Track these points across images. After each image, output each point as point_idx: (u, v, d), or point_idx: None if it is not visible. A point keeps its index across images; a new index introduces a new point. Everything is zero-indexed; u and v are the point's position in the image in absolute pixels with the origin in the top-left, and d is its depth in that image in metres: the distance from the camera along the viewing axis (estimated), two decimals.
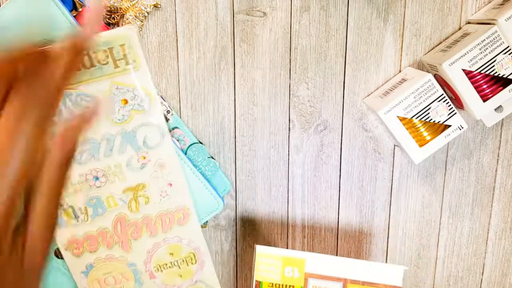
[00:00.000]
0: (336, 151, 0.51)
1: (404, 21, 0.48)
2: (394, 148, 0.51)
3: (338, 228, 0.53)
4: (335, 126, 0.50)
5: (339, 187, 0.52)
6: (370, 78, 0.49)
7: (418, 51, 0.49)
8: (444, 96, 0.44)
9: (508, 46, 0.42)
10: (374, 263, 0.42)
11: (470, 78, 0.43)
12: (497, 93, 0.43)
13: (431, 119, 0.45)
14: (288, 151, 0.51)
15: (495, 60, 0.43)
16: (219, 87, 0.49)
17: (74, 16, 0.42)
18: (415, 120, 0.44)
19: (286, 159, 0.51)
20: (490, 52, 0.42)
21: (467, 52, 0.42)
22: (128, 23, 0.47)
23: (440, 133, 0.45)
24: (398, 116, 0.44)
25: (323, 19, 0.48)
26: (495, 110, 0.47)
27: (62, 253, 0.42)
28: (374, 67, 0.49)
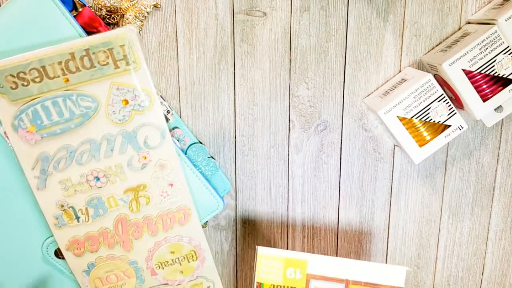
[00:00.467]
0: (336, 151, 0.51)
1: (404, 21, 0.48)
2: (394, 148, 0.51)
3: (338, 228, 0.53)
4: (335, 126, 0.50)
5: (339, 187, 0.52)
6: (370, 78, 0.49)
7: (418, 51, 0.49)
8: (444, 96, 0.44)
9: (508, 46, 0.42)
10: (376, 264, 0.42)
11: (470, 78, 0.43)
12: (497, 93, 0.43)
13: (431, 119, 0.45)
14: (288, 151, 0.51)
15: (495, 60, 0.43)
16: (219, 87, 0.49)
17: (74, 16, 0.42)
18: (415, 120, 0.44)
19: (286, 159, 0.51)
20: (490, 52, 0.42)
21: (467, 52, 0.42)
22: (128, 23, 0.47)
23: (440, 133, 0.45)
24: (398, 116, 0.44)
25: (323, 19, 0.48)
26: (495, 110, 0.47)
27: (63, 253, 0.42)
28: (374, 67, 0.49)
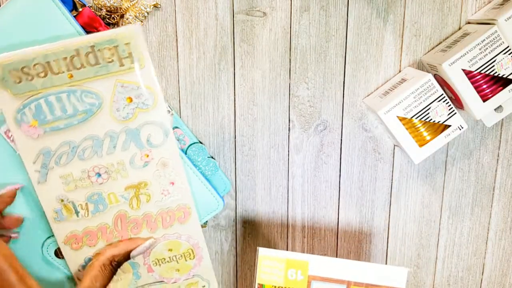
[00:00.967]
0: (336, 151, 0.51)
1: (404, 21, 0.48)
2: (394, 148, 0.51)
3: (338, 228, 0.53)
4: (335, 126, 0.50)
5: (339, 187, 0.52)
6: (370, 78, 0.49)
7: (418, 51, 0.49)
8: (444, 96, 0.44)
9: (508, 46, 0.42)
10: (377, 265, 0.42)
11: (470, 78, 0.43)
12: (497, 93, 0.43)
13: (431, 119, 0.45)
14: (288, 151, 0.51)
15: (495, 60, 0.43)
16: (219, 87, 0.49)
17: (74, 16, 0.42)
18: (415, 120, 0.44)
19: (286, 159, 0.51)
20: (490, 52, 0.42)
21: (467, 52, 0.42)
22: (128, 23, 0.47)
23: (440, 133, 0.45)
24: (398, 116, 0.44)
25: (323, 19, 0.48)
26: (495, 110, 0.47)
27: (60, 247, 0.41)
28: (374, 67, 0.49)
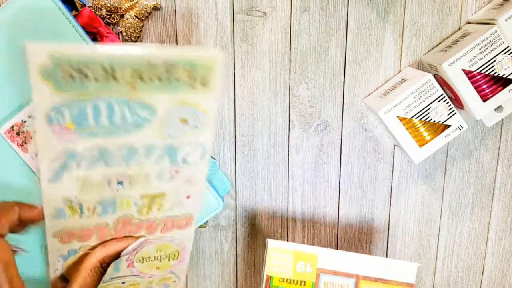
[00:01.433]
0: (336, 151, 0.51)
1: (404, 21, 0.48)
2: (394, 148, 0.51)
3: (338, 228, 0.53)
4: (335, 126, 0.50)
5: (339, 187, 0.52)
6: (370, 78, 0.49)
7: (418, 51, 0.49)
8: (444, 96, 0.44)
9: (508, 46, 0.42)
10: (387, 259, 0.42)
11: (470, 78, 0.43)
12: (497, 93, 0.43)
13: (431, 119, 0.45)
14: (288, 151, 0.51)
15: (495, 60, 0.43)
16: None
17: (74, 16, 0.42)
18: (415, 120, 0.44)
19: (286, 159, 0.51)
20: (490, 52, 0.42)
21: (467, 52, 0.42)
22: (128, 23, 0.47)
23: (440, 133, 0.45)
24: (398, 116, 0.44)
25: (323, 19, 0.48)
26: (495, 110, 0.47)
27: (47, 240, 0.38)
28: (374, 67, 0.49)
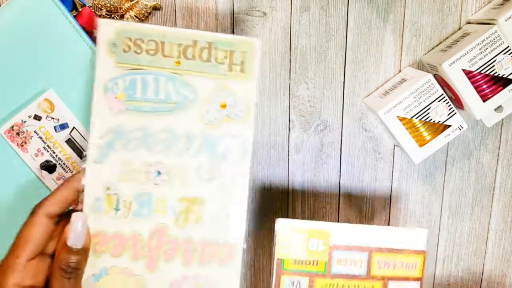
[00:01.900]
0: (336, 151, 0.51)
1: (404, 21, 0.48)
2: (394, 148, 0.51)
3: None
4: (335, 126, 0.50)
5: (339, 187, 0.52)
6: (370, 78, 0.49)
7: (418, 51, 0.49)
8: (444, 96, 0.44)
9: (508, 46, 0.42)
10: (396, 228, 0.42)
11: (470, 78, 0.43)
12: (497, 93, 0.43)
13: (431, 119, 0.45)
14: (288, 151, 0.51)
15: (495, 60, 0.43)
16: None
17: (74, 16, 0.42)
18: (415, 120, 0.44)
19: (286, 159, 0.51)
20: (490, 52, 0.42)
21: (467, 52, 0.42)
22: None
23: (440, 133, 0.45)
24: (398, 116, 0.44)
25: (323, 19, 0.48)
26: (495, 110, 0.47)
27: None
28: (374, 67, 0.49)
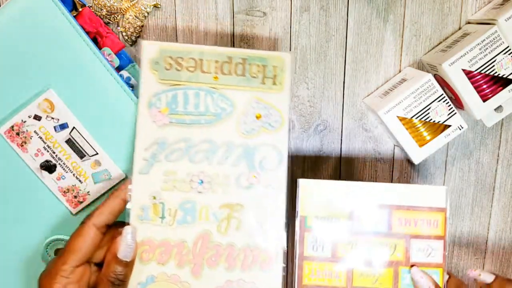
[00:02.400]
0: (336, 151, 0.51)
1: (404, 21, 0.48)
2: (394, 148, 0.51)
3: None
4: (335, 126, 0.50)
5: None
6: (370, 78, 0.49)
7: (418, 51, 0.49)
8: (444, 96, 0.44)
9: (508, 46, 0.42)
10: (415, 185, 0.42)
11: (470, 78, 0.43)
12: (497, 93, 0.43)
13: (431, 119, 0.45)
14: (288, 151, 0.51)
15: (495, 60, 0.43)
16: None
17: (74, 16, 0.42)
18: (415, 120, 0.44)
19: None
20: (490, 52, 0.42)
21: (467, 52, 0.42)
22: (128, 23, 0.47)
23: (440, 133, 0.45)
24: (398, 116, 0.44)
25: (323, 19, 0.48)
26: (495, 110, 0.47)
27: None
28: (374, 67, 0.49)
